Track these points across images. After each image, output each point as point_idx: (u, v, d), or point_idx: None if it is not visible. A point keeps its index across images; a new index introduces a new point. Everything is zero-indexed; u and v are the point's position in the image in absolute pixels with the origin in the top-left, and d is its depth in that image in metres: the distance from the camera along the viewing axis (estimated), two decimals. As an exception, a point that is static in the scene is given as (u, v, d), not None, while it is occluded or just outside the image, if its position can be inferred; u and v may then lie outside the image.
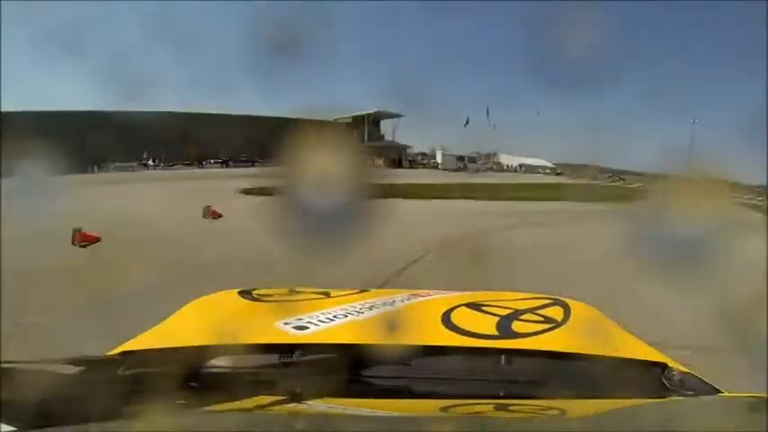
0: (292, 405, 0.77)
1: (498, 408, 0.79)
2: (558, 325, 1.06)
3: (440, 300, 1.23)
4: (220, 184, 15.12)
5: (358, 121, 36.44)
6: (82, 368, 0.86)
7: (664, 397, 0.85)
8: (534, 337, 0.97)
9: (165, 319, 1.11)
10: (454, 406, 0.78)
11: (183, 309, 1.18)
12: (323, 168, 0.77)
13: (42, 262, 4.19)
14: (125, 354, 0.88)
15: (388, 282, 4.32)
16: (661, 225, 0.81)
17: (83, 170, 21.71)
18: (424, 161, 44.38)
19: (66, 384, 0.80)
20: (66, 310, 3.14)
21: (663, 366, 0.90)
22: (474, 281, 2.43)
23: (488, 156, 47.55)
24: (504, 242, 7.13)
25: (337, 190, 0.78)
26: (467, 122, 48.04)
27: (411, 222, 7.01)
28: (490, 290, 1.37)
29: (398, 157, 40.06)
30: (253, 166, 28.22)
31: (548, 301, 1.23)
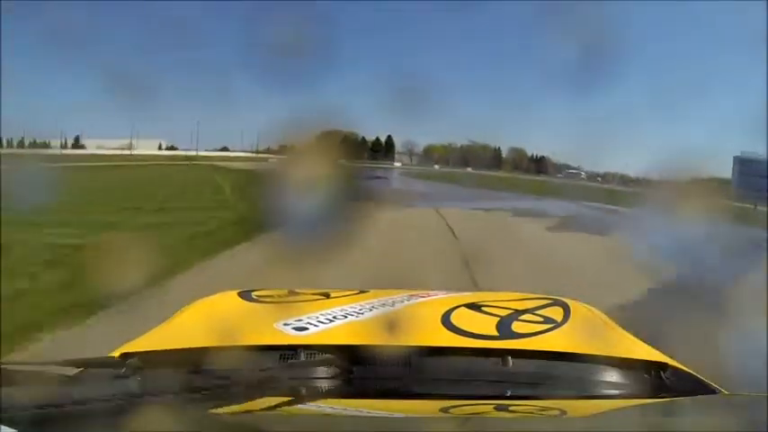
0: (292, 405, 0.77)
1: (498, 408, 0.79)
2: (557, 325, 1.06)
3: (439, 300, 1.23)
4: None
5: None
6: (82, 369, 0.86)
7: (664, 397, 0.85)
8: (534, 338, 0.97)
9: (164, 320, 1.11)
10: (454, 406, 0.78)
11: (182, 310, 1.18)
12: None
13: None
14: (125, 355, 0.87)
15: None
16: None
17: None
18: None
19: (66, 385, 0.80)
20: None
21: (663, 366, 0.90)
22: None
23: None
24: None
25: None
26: None
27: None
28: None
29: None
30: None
31: (547, 302, 1.23)
